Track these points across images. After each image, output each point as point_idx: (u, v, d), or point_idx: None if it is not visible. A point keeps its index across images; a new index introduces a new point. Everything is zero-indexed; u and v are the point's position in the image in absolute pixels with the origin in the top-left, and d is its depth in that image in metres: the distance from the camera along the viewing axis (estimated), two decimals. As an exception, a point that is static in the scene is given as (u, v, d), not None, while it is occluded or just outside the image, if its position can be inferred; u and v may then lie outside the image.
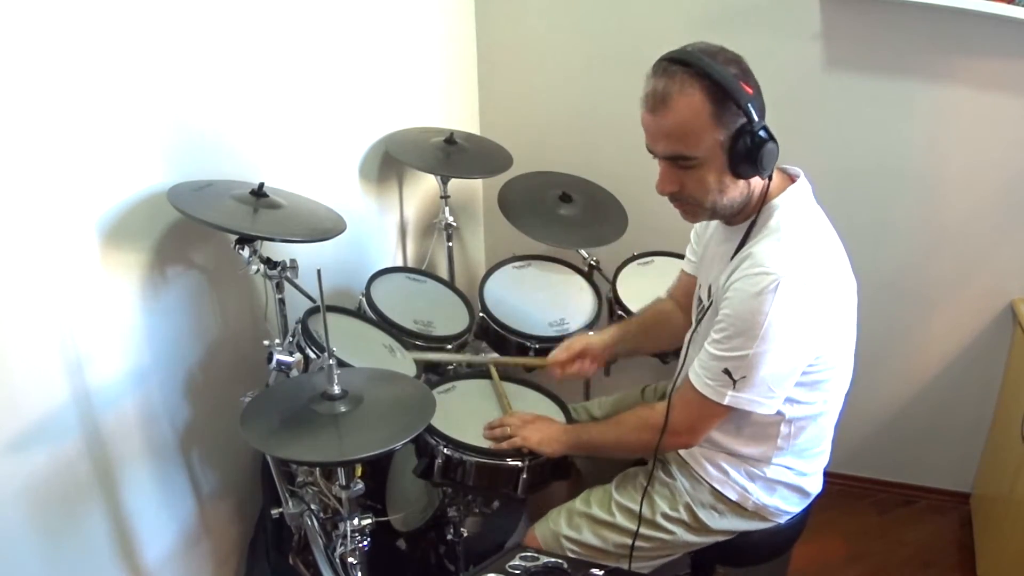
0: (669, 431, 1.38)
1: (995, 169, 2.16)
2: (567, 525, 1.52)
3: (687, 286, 1.64)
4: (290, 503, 1.55)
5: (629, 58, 1.33)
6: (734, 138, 1.23)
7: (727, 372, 1.28)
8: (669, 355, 1.95)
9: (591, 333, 1.76)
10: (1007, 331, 2.30)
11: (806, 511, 1.52)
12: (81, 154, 1.25)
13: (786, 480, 1.45)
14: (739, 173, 1.26)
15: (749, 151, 1.23)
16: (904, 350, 2.43)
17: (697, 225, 1.58)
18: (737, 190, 1.30)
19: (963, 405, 2.43)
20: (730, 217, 1.37)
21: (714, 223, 1.47)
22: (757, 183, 1.32)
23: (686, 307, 1.62)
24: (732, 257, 1.33)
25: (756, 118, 1.23)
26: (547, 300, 2.06)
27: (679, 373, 1.45)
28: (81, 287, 1.29)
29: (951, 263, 2.29)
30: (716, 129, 1.22)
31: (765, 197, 1.32)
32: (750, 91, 1.23)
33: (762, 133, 1.23)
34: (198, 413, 1.60)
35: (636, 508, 1.47)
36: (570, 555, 1.48)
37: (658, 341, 1.76)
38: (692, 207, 1.34)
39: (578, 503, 1.55)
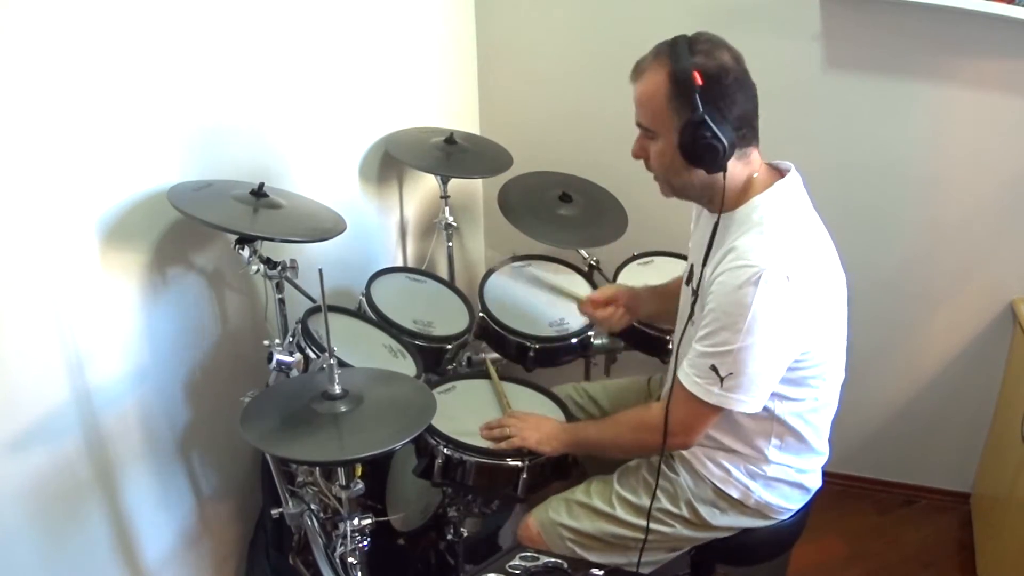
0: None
1: (995, 169, 2.16)
2: (567, 514, 1.52)
3: None
4: (290, 503, 1.55)
5: (629, 58, 1.34)
6: (683, 128, 1.26)
7: (714, 368, 1.28)
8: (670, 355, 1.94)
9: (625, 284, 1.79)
10: (1007, 331, 2.30)
11: (806, 509, 1.52)
12: (81, 154, 1.25)
13: (786, 478, 1.45)
14: (692, 162, 1.29)
15: (694, 143, 1.25)
16: (904, 349, 2.43)
17: (694, 208, 1.58)
18: (692, 177, 1.32)
19: (963, 405, 2.43)
20: (707, 204, 1.39)
21: (704, 208, 1.47)
22: (735, 175, 1.31)
23: None
24: (709, 244, 1.34)
25: (707, 115, 1.23)
26: (547, 300, 2.06)
27: (672, 372, 1.45)
28: (81, 287, 1.29)
29: (951, 263, 2.29)
30: (669, 111, 1.28)
31: (749, 189, 1.33)
32: (701, 84, 1.23)
33: (708, 133, 1.23)
34: (198, 413, 1.61)
35: (637, 501, 1.48)
36: (567, 543, 1.50)
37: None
38: (659, 181, 1.39)
39: (579, 493, 1.55)
